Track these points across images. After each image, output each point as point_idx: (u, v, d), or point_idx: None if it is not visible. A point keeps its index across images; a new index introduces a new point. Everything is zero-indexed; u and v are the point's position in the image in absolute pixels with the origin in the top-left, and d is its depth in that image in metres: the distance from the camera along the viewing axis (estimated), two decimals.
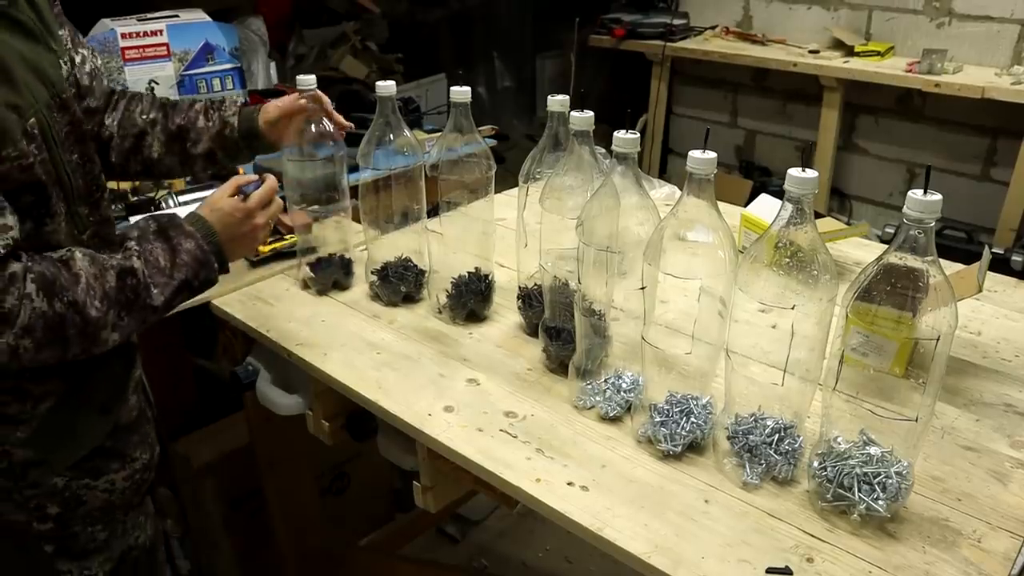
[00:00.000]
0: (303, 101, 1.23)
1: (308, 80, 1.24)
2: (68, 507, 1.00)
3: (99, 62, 1.13)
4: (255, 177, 1.09)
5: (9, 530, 0.99)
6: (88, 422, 0.99)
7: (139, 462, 1.07)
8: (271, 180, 1.09)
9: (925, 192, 0.75)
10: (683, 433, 0.94)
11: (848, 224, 2.13)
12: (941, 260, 0.78)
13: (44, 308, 0.82)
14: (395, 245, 1.34)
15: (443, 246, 1.25)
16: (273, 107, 1.22)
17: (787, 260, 0.83)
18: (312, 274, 1.36)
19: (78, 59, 1.03)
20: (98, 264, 0.88)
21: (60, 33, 0.98)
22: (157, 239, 0.95)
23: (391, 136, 1.24)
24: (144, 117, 1.18)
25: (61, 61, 0.95)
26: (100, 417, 1.01)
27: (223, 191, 1.05)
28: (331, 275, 1.36)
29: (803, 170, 0.80)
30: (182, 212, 1.55)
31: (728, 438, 0.92)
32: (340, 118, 1.27)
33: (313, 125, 1.26)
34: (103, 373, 1.00)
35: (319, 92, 1.25)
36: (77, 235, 0.94)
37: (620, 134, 0.93)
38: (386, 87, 1.22)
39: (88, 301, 0.85)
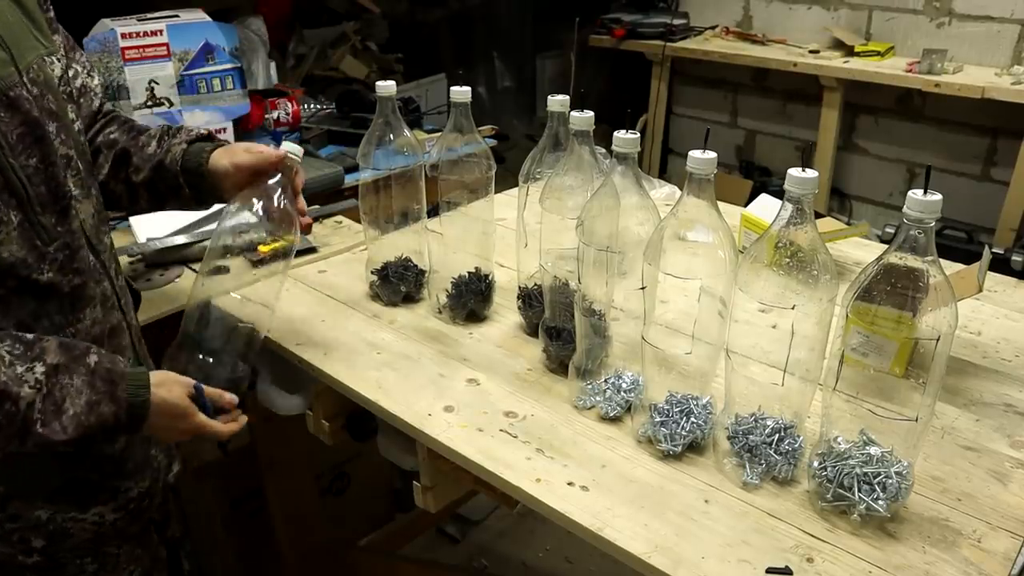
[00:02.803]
0: (272, 161, 1.03)
1: (294, 149, 1.04)
2: (54, 540, 0.94)
3: (94, 82, 1.07)
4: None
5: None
6: (49, 455, 0.91)
7: (133, 491, 1.00)
8: (232, 426, 0.98)
9: (925, 192, 0.75)
10: (683, 433, 0.94)
11: (848, 224, 2.13)
12: (941, 260, 0.78)
13: None
14: (395, 245, 1.34)
15: (443, 246, 1.25)
16: (232, 154, 1.04)
17: (787, 260, 0.83)
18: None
19: (70, 72, 1.00)
20: (12, 380, 0.78)
21: (55, 38, 0.95)
22: (80, 379, 0.82)
23: (391, 136, 1.24)
24: (106, 137, 1.08)
25: (52, 58, 0.91)
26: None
27: (180, 390, 0.91)
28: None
29: (803, 170, 0.80)
30: (183, 218, 1.52)
31: (728, 438, 0.92)
32: (303, 204, 1.05)
33: (275, 198, 1.02)
34: None
35: (299, 167, 1.06)
36: (41, 247, 0.84)
37: (620, 134, 0.93)
38: (386, 87, 1.22)
39: None
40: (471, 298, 1.25)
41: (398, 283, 1.31)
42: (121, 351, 0.97)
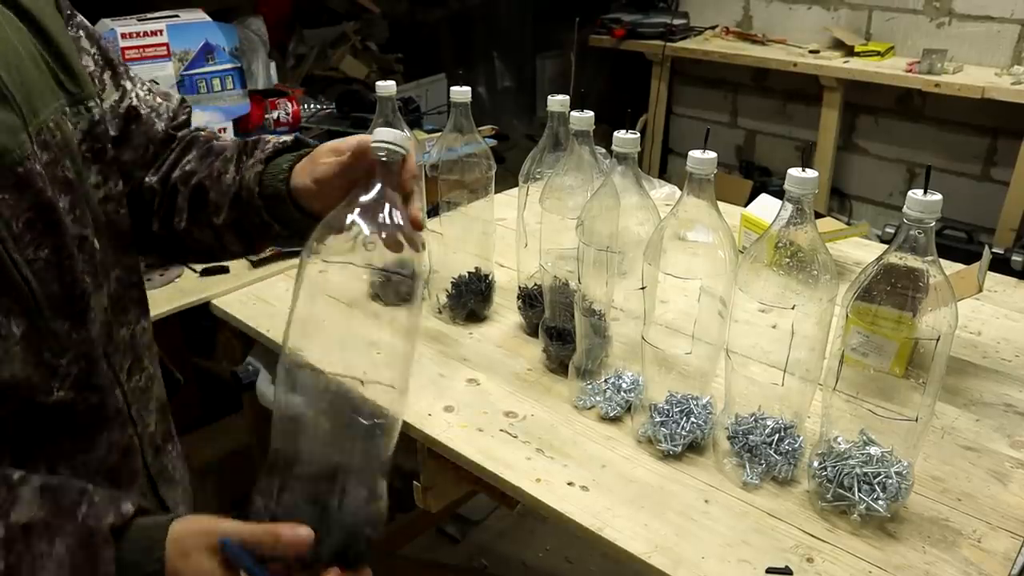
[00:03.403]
0: (356, 164, 0.73)
1: (390, 136, 0.68)
2: None
3: (156, 100, 0.84)
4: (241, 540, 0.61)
5: None
6: None
7: None
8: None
9: (925, 192, 0.75)
10: (683, 433, 0.94)
11: (848, 224, 2.13)
12: (941, 260, 0.78)
13: None
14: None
15: (443, 246, 1.25)
16: (313, 165, 0.77)
17: (787, 260, 0.83)
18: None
19: (115, 96, 0.79)
20: None
21: (86, 66, 0.75)
22: (64, 545, 0.58)
23: None
24: (182, 171, 0.83)
25: (77, 108, 0.71)
26: None
27: (203, 550, 0.61)
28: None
29: (803, 170, 0.80)
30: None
31: (728, 438, 0.92)
32: (416, 211, 0.71)
33: (373, 221, 0.67)
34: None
35: (411, 159, 0.71)
36: (51, 360, 0.65)
37: (620, 134, 0.93)
38: (386, 87, 1.22)
39: None
40: (471, 298, 1.24)
41: (398, 283, 1.30)
42: (132, 475, 0.76)
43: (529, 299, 1.21)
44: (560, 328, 1.11)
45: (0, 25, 0.65)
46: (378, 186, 0.68)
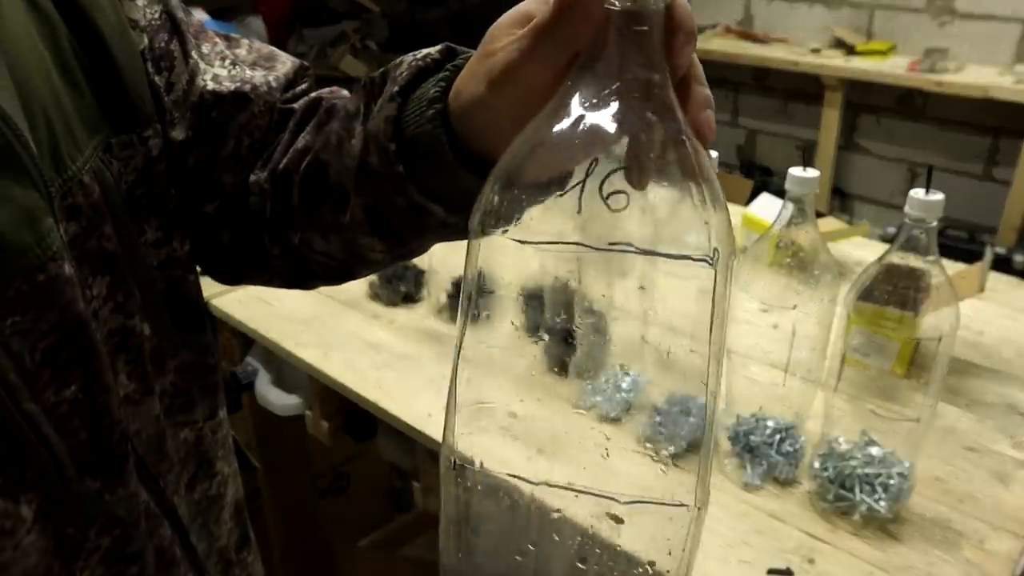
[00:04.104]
0: (584, 22, 0.35)
1: None
2: None
3: (248, 72, 0.57)
4: None
5: None
6: None
7: None
8: None
9: (927, 192, 0.74)
10: (683, 433, 0.93)
11: (849, 224, 2.12)
12: (943, 260, 0.78)
13: None
14: None
15: (443, 245, 1.24)
16: (488, 62, 0.40)
17: (788, 260, 0.82)
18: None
19: (184, 78, 0.54)
20: None
21: (137, 24, 0.51)
22: None
23: None
24: (295, 150, 0.55)
25: (131, 139, 0.49)
26: None
27: None
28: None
29: (804, 169, 0.80)
30: None
31: (729, 438, 0.92)
32: (705, 109, 0.41)
33: (629, 118, 0.33)
34: None
35: (681, 5, 0.36)
36: (75, 535, 0.44)
37: None
38: None
39: None
40: None
41: (398, 283, 1.30)
42: None
43: (529, 299, 1.21)
44: (560, 328, 1.10)
45: (19, 37, 0.42)
46: (617, 65, 0.34)
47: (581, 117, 0.32)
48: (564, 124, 0.32)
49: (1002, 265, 2.42)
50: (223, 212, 0.58)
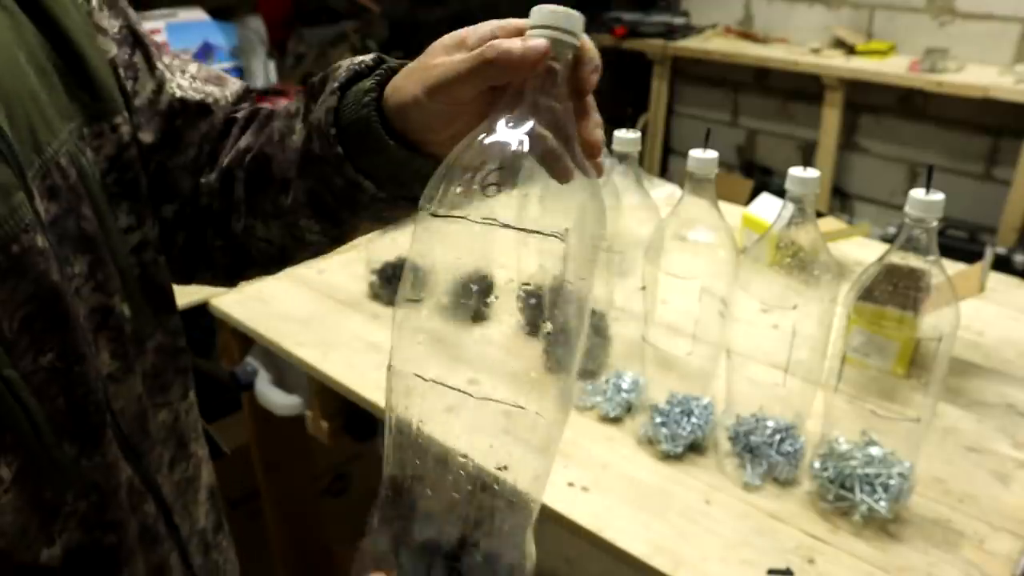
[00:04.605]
0: (520, 61, 0.45)
1: (556, 17, 0.46)
2: None
3: (208, 87, 0.64)
4: None
5: None
6: None
7: None
8: None
9: (927, 192, 0.74)
10: (684, 434, 0.93)
11: (850, 224, 2.12)
12: (943, 260, 0.78)
13: None
14: (395, 245, 1.33)
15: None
16: (425, 70, 0.50)
17: (788, 260, 0.82)
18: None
19: (151, 85, 0.59)
20: None
21: (105, 51, 0.56)
22: None
23: None
24: (236, 149, 0.62)
25: (97, 127, 0.53)
26: None
27: None
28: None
29: (804, 169, 0.80)
30: None
31: (729, 439, 0.92)
32: (591, 130, 0.50)
33: (538, 135, 0.45)
34: None
35: (587, 43, 0.48)
36: (52, 498, 0.47)
37: (621, 133, 0.93)
38: None
39: None
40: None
41: (398, 283, 1.30)
42: None
43: (529, 299, 1.21)
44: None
45: None
46: (532, 96, 0.45)
47: (503, 132, 0.44)
48: (490, 137, 0.44)
49: (1002, 265, 2.42)
50: (179, 216, 0.63)
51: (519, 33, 0.48)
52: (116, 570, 0.52)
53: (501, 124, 0.45)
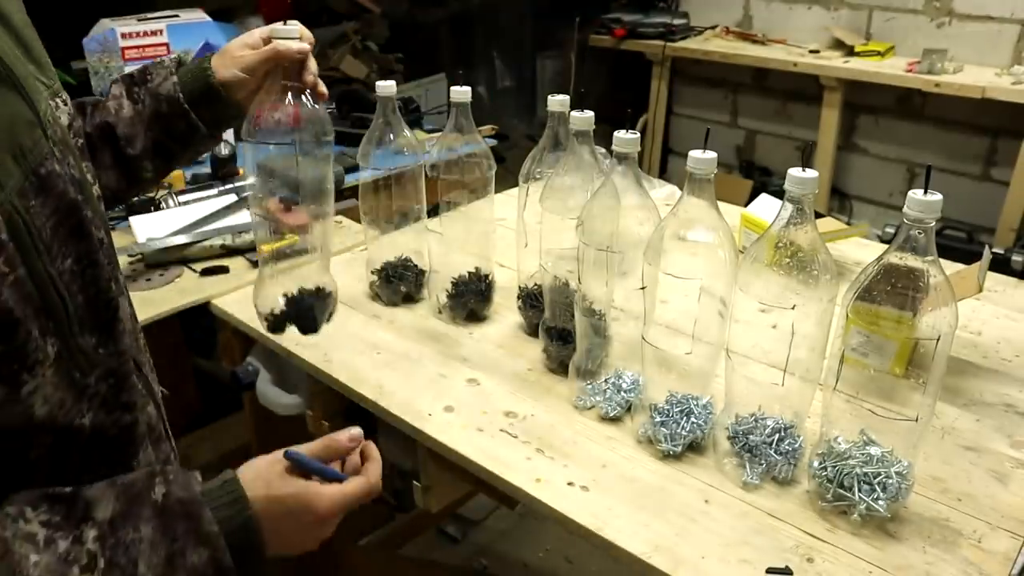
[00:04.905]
0: (278, 50, 0.88)
1: (288, 29, 0.89)
2: None
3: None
4: (353, 433, 0.73)
5: None
6: None
7: None
8: (361, 484, 0.71)
9: (925, 192, 0.75)
10: (683, 433, 0.94)
11: (848, 224, 2.12)
12: (941, 260, 0.78)
13: None
14: (395, 245, 1.34)
15: (443, 246, 1.25)
16: (234, 59, 0.90)
17: (787, 260, 0.83)
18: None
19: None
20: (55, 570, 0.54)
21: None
22: (149, 526, 0.59)
23: (391, 136, 1.24)
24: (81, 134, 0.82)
25: (55, 102, 0.65)
26: None
27: (270, 463, 0.68)
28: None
29: (803, 170, 0.80)
30: (183, 218, 1.49)
31: (728, 438, 0.92)
32: (322, 85, 0.90)
33: (290, 98, 0.88)
34: None
35: (299, 46, 0.88)
36: (80, 379, 0.60)
37: (620, 134, 0.93)
38: (386, 87, 1.22)
39: None
40: (471, 298, 1.24)
41: (398, 283, 1.30)
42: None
43: (529, 299, 1.21)
44: (560, 328, 1.11)
45: None
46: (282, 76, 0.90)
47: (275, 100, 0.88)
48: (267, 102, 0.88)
49: (1000, 265, 2.43)
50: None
51: (268, 39, 0.90)
52: (133, 452, 0.67)
53: (273, 92, 0.88)
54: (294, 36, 0.89)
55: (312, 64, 0.90)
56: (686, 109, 3.74)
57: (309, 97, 0.89)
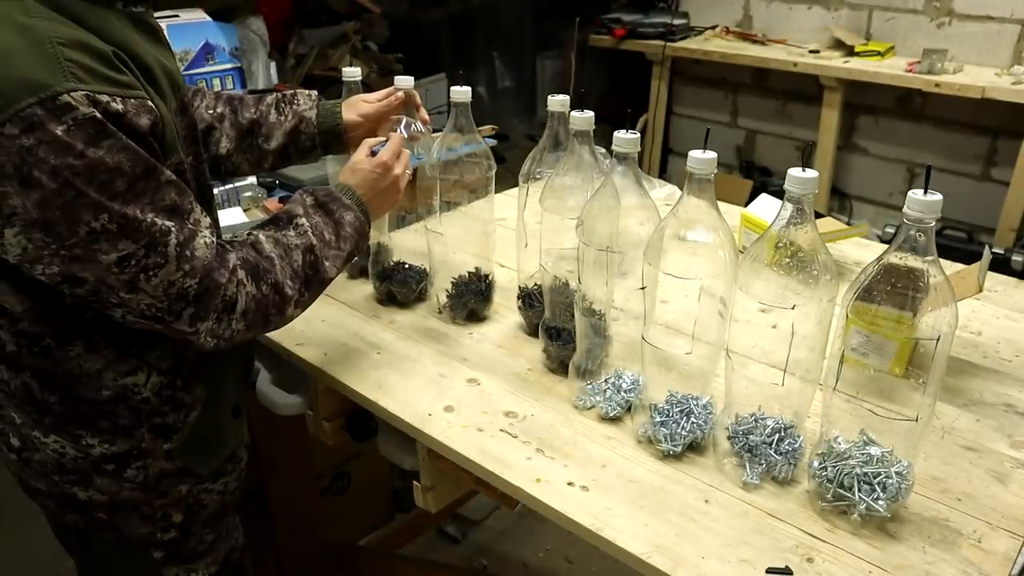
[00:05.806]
0: (395, 101, 1.19)
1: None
2: (190, 513, 1.00)
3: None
4: (382, 139, 1.08)
5: (123, 544, 0.98)
6: (227, 427, 1.01)
7: (243, 461, 1.09)
8: (396, 136, 1.08)
9: (925, 192, 0.75)
10: (683, 433, 0.94)
11: (848, 224, 2.12)
12: (941, 260, 0.78)
13: (255, 292, 0.86)
14: (395, 245, 1.34)
15: (443, 246, 1.25)
16: (355, 107, 1.18)
17: (787, 260, 0.83)
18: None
19: None
20: (281, 245, 0.91)
21: None
22: (318, 212, 0.97)
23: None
24: (211, 112, 1.14)
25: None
26: (234, 421, 1.03)
27: (359, 154, 1.05)
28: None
29: (803, 170, 0.80)
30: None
31: (728, 438, 0.92)
32: (425, 115, 1.23)
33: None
34: (233, 375, 1.02)
35: (413, 92, 1.20)
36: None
37: (620, 134, 0.93)
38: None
39: (284, 281, 0.89)
40: (471, 298, 1.24)
41: (399, 284, 1.30)
42: None
43: (529, 299, 1.21)
44: (560, 328, 1.11)
45: None
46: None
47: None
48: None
49: (1000, 265, 2.43)
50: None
51: (383, 97, 1.20)
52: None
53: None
54: (412, 85, 1.21)
55: (419, 102, 1.23)
56: (686, 109, 3.74)
57: (419, 124, 1.20)
